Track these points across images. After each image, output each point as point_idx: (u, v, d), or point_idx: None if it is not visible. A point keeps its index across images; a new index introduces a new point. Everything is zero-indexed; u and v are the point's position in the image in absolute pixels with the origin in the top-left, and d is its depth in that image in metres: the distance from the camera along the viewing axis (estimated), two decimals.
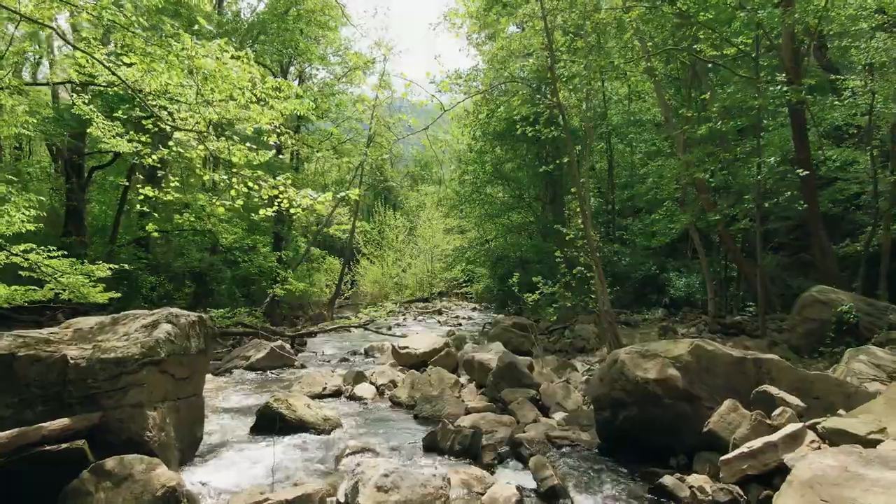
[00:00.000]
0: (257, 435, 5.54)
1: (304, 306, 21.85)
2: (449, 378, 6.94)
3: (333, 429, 5.68)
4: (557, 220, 17.55)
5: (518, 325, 10.81)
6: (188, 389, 4.93)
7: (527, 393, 6.27)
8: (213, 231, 14.89)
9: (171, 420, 4.56)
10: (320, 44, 20.30)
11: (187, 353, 4.82)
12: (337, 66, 22.56)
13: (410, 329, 16.83)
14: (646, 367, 4.16)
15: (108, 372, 4.20)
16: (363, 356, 11.78)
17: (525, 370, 6.62)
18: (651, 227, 13.92)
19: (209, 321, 5.19)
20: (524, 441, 4.48)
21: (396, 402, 6.79)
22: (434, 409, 6.19)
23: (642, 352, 4.32)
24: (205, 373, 5.29)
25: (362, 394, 7.17)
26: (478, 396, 6.74)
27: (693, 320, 11.42)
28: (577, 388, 6.39)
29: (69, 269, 6.46)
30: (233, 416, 6.26)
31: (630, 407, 4.24)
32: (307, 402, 5.80)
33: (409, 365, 8.64)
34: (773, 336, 8.24)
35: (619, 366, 4.33)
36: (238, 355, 9.59)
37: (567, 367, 7.34)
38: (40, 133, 12.01)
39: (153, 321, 4.71)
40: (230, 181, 4.55)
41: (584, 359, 9.22)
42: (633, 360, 4.27)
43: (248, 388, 7.88)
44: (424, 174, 39.71)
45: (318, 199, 4.53)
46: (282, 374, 9.03)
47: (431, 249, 28.48)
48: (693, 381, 4.04)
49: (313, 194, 4.56)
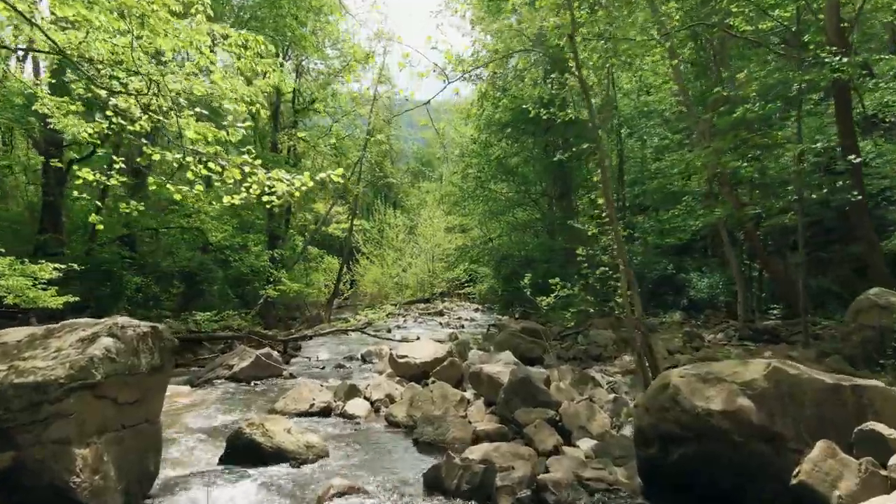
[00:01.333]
0: (228, 465, 4.67)
1: (300, 307, 20.98)
2: (453, 394, 6.06)
3: (318, 458, 4.80)
4: (567, 217, 16.66)
5: (527, 330, 9.94)
6: (137, 415, 4.05)
7: (544, 413, 5.39)
8: (202, 229, 13.99)
9: (111, 456, 3.68)
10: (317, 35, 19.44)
11: (135, 372, 3.94)
12: (335, 59, 21.70)
13: (411, 331, 15.97)
14: (708, 395, 3.28)
15: (25, 400, 3.33)
16: (360, 361, 10.97)
17: (541, 386, 5.73)
18: (667, 225, 13.00)
19: (166, 331, 4.31)
20: (549, 484, 3.60)
21: (393, 421, 5.91)
22: (437, 433, 5.31)
23: (702, 375, 3.42)
24: (162, 393, 4.41)
25: (355, 411, 6.30)
26: (487, 416, 5.86)
27: (718, 324, 10.51)
28: (602, 408, 5.50)
29: (7, 271, 5.58)
30: (203, 439, 5.38)
31: (686, 444, 3.36)
32: (287, 427, 4.91)
33: (408, 376, 7.76)
34: (819, 344, 7.35)
35: (671, 392, 3.45)
36: (221, 364, 8.71)
37: (588, 380, 6.45)
38: (17, 123, 11.16)
39: (92, 334, 3.83)
40: (184, 160, 3.68)
41: (602, 368, 8.33)
42: (689, 385, 3.38)
43: (228, 402, 7.00)
44: (426, 171, 38.85)
45: (291, 181, 3.66)
46: (268, 385, 8.15)
47: (433, 248, 27.58)
48: (772, 413, 3.16)
49: (287, 177, 3.70)
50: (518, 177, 17.44)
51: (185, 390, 7.58)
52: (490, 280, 20.47)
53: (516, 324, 11.12)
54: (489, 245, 19.35)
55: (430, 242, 27.61)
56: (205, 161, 3.68)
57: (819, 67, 6.63)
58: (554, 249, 15.92)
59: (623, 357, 8.52)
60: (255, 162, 3.63)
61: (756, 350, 7.73)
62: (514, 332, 9.69)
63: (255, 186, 3.75)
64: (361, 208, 31.41)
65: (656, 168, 15.35)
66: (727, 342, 8.76)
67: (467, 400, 6.30)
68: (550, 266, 14.78)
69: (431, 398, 6.00)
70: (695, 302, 12.48)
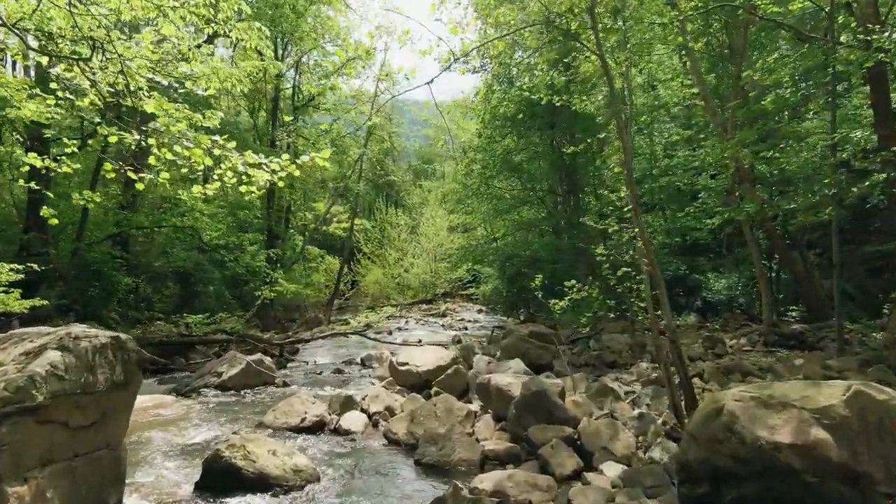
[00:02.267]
0: (203, 493, 4.12)
1: (300, 308, 20.44)
2: (459, 408, 5.49)
3: (306, 484, 4.25)
4: (574, 215, 16.05)
5: (536, 335, 9.34)
6: (94, 441, 3.50)
7: (560, 431, 4.82)
8: (196, 227, 13.45)
9: (58, 492, 3.13)
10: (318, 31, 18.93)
11: (91, 391, 3.39)
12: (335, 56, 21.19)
13: (413, 333, 15.43)
14: (772, 424, 2.70)
15: None
16: (360, 366, 10.44)
17: (557, 400, 5.15)
18: (678, 223, 12.39)
19: (131, 342, 3.75)
20: None
21: (393, 439, 5.35)
22: (441, 454, 4.75)
23: (763, 398, 2.85)
24: (126, 413, 3.85)
25: (350, 426, 5.73)
26: (496, 433, 5.30)
27: (738, 328, 9.90)
28: (626, 425, 4.91)
29: None
30: (180, 460, 4.82)
31: (744, 483, 2.79)
32: (271, 448, 4.35)
33: (409, 385, 7.20)
34: (854, 351, 6.76)
35: (725, 419, 2.87)
36: (210, 371, 8.16)
37: (607, 392, 5.86)
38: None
39: (38, 347, 3.27)
40: (145, 142, 3.13)
41: (617, 375, 7.73)
42: (748, 411, 2.81)
43: (213, 414, 6.46)
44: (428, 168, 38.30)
45: (268, 166, 3.09)
46: (258, 394, 7.61)
47: (435, 248, 27.00)
48: (857, 449, 2.59)
49: (264, 160, 3.13)
50: (524, 173, 16.83)
51: (168, 400, 7.04)
52: (494, 281, 19.88)
53: (524, 327, 10.52)
54: (493, 245, 18.75)
55: (433, 242, 27.05)
56: (169, 144, 3.12)
57: (860, 47, 6.02)
58: (561, 249, 15.32)
59: (640, 364, 7.92)
60: (227, 144, 3.08)
61: (786, 357, 7.13)
62: (522, 336, 9.10)
63: (230, 174, 3.20)
64: (363, 207, 30.88)
65: (666, 165, 14.74)
66: (752, 348, 8.16)
67: (474, 413, 5.73)
68: (557, 266, 14.17)
69: (435, 412, 5.43)
70: (710, 303, 11.86)
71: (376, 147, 30.08)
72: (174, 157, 3.18)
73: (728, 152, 7.04)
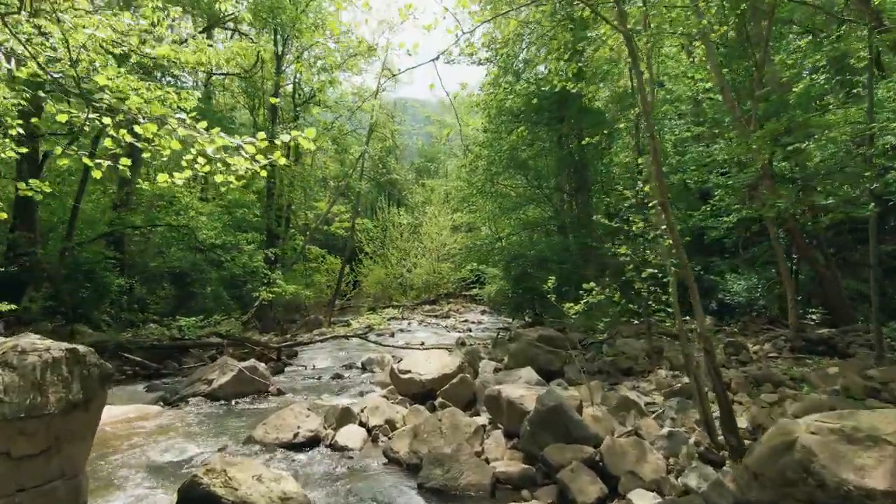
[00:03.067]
0: None
1: (300, 309, 19.99)
2: (466, 424, 4.98)
3: None
4: (583, 213, 15.53)
5: (545, 339, 8.85)
6: (45, 472, 3.01)
7: (580, 451, 4.32)
8: (191, 226, 12.99)
9: None
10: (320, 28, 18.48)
11: (40, 413, 2.91)
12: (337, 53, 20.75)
13: (415, 335, 14.95)
14: (860, 465, 2.20)
15: None
16: (360, 370, 9.97)
17: (575, 416, 4.65)
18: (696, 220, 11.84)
19: (92, 355, 3.26)
20: None
21: (394, 457, 4.85)
22: (447, 477, 4.24)
23: (847, 431, 2.34)
24: (88, 437, 3.36)
25: (348, 442, 5.25)
26: (508, 451, 4.79)
27: (759, 332, 9.36)
28: (653, 445, 4.41)
29: None
30: (156, 481, 4.34)
31: None
32: (257, 473, 3.85)
33: (411, 395, 6.70)
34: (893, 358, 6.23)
35: (800, 456, 2.37)
36: (200, 378, 7.68)
37: (629, 406, 5.36)
38: None
39: None
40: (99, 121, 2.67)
41: (634, 384, 7.23)
42: (828, 446, 2.31)
43: (200, 428, 5.97)
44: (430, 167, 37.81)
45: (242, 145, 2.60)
46: (250, 404, 7.12)
47: (438, 248, 26.51)
48: None
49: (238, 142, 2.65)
50: (530, 170, 16.31)
51: (153, 410, 6.57)
52: (499, 281, 19.35)
53: (531, 331, 10.02)
54: (498, 244, 18.23)
55: (436, 241, 26.56)
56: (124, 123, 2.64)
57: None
58: (568, 249, 14.80)
59: (658, 372, 7.41)
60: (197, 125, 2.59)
61: (818, 364, 6.60)
62: (531, 341, 8.59)
63: (202, 160, 2.72)
64: (364, 206, 30.41)
65: (678, 162, 14.21)
66: (778, 354, 7.63)
67: (483, 428, 5.22)
68: (565, 267, 13.65)
69: (440, 428, 4.93)
70: (727, 305, 11.32)
71: (378, 145, 29.66)
72: (132, 140, 2.70)
73: (755, 144, 6.52)
